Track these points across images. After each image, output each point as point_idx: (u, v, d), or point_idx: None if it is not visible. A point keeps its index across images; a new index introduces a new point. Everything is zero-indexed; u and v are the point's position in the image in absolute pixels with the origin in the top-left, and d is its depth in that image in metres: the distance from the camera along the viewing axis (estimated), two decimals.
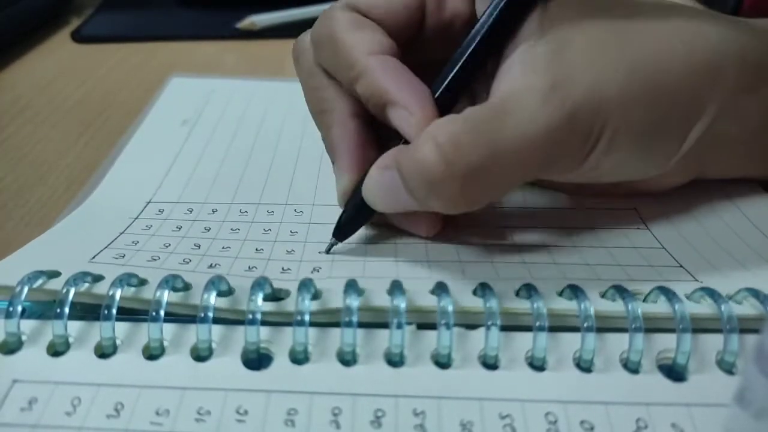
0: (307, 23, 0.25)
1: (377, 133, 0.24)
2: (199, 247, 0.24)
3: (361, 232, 0.24)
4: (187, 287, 0.20)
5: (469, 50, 0.21)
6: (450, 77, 0.21)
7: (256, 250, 0.24)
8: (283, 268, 0.22)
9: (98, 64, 0.46)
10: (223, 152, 0.31)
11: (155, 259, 0.23)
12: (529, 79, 0.20)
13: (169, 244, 0.24)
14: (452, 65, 0.22)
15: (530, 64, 0.20)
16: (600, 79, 0.20)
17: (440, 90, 0.21)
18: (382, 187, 0.21)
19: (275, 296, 0.20)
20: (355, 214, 0.24)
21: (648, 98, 0.21)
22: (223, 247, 0.24)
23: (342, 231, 0.24)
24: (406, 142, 0.21)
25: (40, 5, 0.51)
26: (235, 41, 0.50)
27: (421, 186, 0.19)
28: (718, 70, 0.22)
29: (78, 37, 0.51)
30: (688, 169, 0.24)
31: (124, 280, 0.20)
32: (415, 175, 0.19)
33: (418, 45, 0.24)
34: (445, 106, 0.21)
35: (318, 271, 0.22)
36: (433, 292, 0.20)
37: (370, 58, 0.22)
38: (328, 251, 0.24)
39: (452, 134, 0.19)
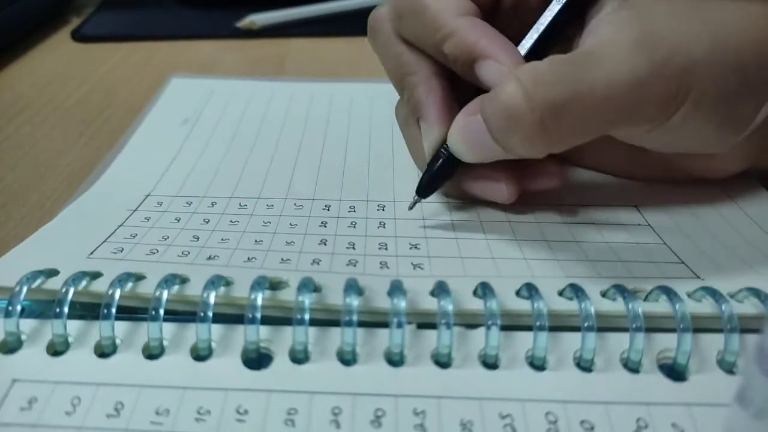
0: (307, 22, 0.26)
1: (459, 92, 0.25)
2: (197, 239, 0.24)
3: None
4: (184, 281, 0.20)
5: (556, 11, 0.23)
6: (537, 38, 0.23)
7: (255, 241, 0.24)
8: (282, 259, 0.22)
9: (98, 63, 0.46)
10: (223, 151, 0.31)
11: (154, 252, 0.23)
12: (617, 35, 0.20)
13: (168, 237, 0.24)
14: (538, 26, 0.23)
15: (617, 24, 0.21)
16: (687, 41, 0.20)
17: (527, 49, 0.23)
18: (466, 132, 0.22)
19: (273, 287, 0.20)
20: (438, 171, 0.24)
21: (731, 65, 0.21)
22: (222, 239, 0.24)
23: (425, 188, 0.25)
24: None
25: (40, 5, 0.51)
26: (235, 40, 0.50)
27: (502, 122, 0.20)
28: None
29: (78, 36, 0.51)
30: (747, 155, 0.26)
31: (123, 280, 0.20)
32: (497, 113, 0.20)
33: (491, 19, 0.25)
34: None
35: (318, 263, 0.22)
36: (433, 292, 0.20)
37: (459, 18, 0.23)
38: (411, 208, 0.25)
39: (535, 72, 0.19)
